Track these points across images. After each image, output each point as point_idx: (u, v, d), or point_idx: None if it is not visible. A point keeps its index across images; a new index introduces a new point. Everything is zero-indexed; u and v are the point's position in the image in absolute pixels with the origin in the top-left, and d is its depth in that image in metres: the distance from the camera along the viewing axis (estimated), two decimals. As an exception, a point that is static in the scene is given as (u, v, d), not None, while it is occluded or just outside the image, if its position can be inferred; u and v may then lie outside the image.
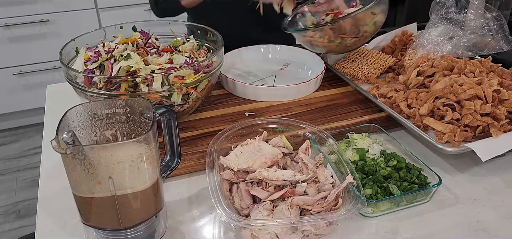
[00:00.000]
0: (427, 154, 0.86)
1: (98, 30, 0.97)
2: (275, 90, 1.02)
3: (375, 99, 0.95)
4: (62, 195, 0.74)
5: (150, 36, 0.96)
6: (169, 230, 0.68)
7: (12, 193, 2.23)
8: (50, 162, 0.84)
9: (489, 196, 0.75)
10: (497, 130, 0.80)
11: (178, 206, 0.74)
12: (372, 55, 1.17)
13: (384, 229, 0.68)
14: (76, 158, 0.54)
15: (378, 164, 0.77)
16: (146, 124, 0.64)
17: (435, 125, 0.83)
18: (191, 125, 0.92)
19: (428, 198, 0.73)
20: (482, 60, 0.97)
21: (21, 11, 2.39)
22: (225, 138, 0.77)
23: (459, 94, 0.84)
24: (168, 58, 0.88)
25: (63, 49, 0.87)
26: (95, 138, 0.64)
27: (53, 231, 0.69)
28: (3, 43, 2.44)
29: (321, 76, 1.07)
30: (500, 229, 0.68)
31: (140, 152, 0.57)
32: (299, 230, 0.63)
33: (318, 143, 0.78)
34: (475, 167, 0.82)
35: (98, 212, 0.59)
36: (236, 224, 0.61)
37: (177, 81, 0.82)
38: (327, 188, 0.67)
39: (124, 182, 0.57)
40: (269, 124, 0.81)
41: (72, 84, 0.83)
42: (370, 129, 0.88)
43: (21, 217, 2.08)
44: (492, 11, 1.06)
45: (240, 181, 0.68)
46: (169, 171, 0.70)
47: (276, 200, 0.65)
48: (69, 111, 0.60)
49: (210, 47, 1.00)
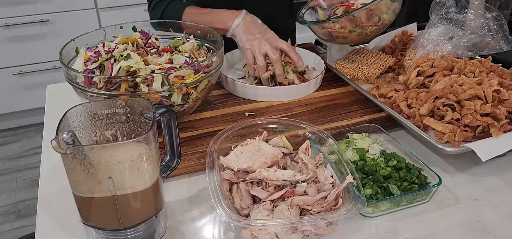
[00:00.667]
0: (427, 154, 0.86)
1: (98, 30, 0.97)
2: (275, 90, 1.02)
3: (375, 99, 0.95)
4: (62, 195, 0.74)
5: (150, 36, 0.96)
6: (169, 230, 0.68)
7: (12, 193, 2.23)
8: (50, 162, 0.84)
9: (489, 196, 0.75)
10: (497, 130, 0.80)
11: (178, 206, 0.74)
12: (372, 55, 1.17)
13: (384, 229, 0.68)
14: (76, 158, 0.54)
15: (378, 164, 0.77)
16: (146, 124, 0.64)
17: (435, 125, 0.83)
18: (191, 125, 0.92)
19: (428, 198, 0.73)
20: (482, 60, 0.97)
21: (21, 11, 2.39)
22: (225, 138, 0.77)
23: (459, 94, 0.84)
24: (168, 58, 0.88)
25: (63, 49, 0.88)
26: (95, 138, 0.64)
27: (53, 231, 0.69)
28: (3, 43, 2.44)
29: (321, 76, 1.07)
30: (500, 229, 0.68)
31: (140, 152, 0.57)
32: (299, 230, 0.63)
33: (318, 143, 0.78)
34: (475, 167, 0.82)
35: (98, 212, 0.59)
36: (236, 224, 0.61)
37: (177, 81, 0.82)
38: (327, 188, 0.67)
39: (124, 182, 0.57)
40: (269, 124, 0.81)
41: (72, 84, 0.83)
42: (370, 129, 0.88)
43: (21, 217, 2.08)
44: (492, 11, 1.06)
45: (240, 181, 0.68)
46: (169, 171, 0.70)
47: (276, 200, 0.65)
48: (69, 111, 0.60)
49: (210, 47, 1.00)
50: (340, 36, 1.10)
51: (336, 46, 1.20)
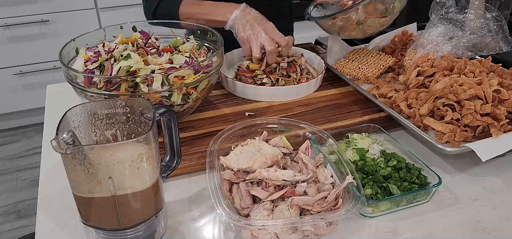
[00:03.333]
0: (427, 154, 0.86)
1: (98, 30, 0.97)
2: (275, 90, 1.02)
3: (375, 99, 0.95)
4: (62, 195, 0.74)
5: (150, 36, 0.96)
6: (169, 230, 0.68)
7: (12, 193, 2.23)
8: (50, 162, 0.84)
9: (489, 196, 0.75)
10: (497, 130, 0.80)
11: (178, 206, 0.74)
12: (372, 55, 1.17)
13: (384, 229, 0.68)
14: (76, 158, 0.54)
15: (378, 164, 0.77)
16: (146, 124, 0.64)
17: (435, 125, 0.83)
18: (191, 125, 0.92)
19: (428, 198, 0.73)
20: (482, 60, 0.97)
21: (21, 11, 2.39)
22: (225, 138, 0.77)
23: (459, 94, 0.84)
24: (168, 58, 0.88)
25: (63, 49, 0.88)
26: (95, 138, 0.64)
27: (53, 231, 0.69)
28: (3, 43, 2.44)
29: (321, 76, 1.07)
30: (500, 229, 0.68)
31: (140, 152, 0.57)
32: (299, 230, 0.63)
33: (318, 143, 0.78)
34: (475, 167, 0.82)
35: (98, 212, 0.59)
36: (236, 224, 0.61)
37: (177, 81, 0.82)
38: (327, 188, 0.67)
39: (124, 182, 0.57)
40: (269, 124, 0.81)
41: (72, 84, 0.83)
42: (370, 129, 0.88)
43: (21, 217, 2.08)
44: (492, 11, 1.06)
45: (240, 181, 0.68)
46: (169, 171, 0.70)
47: (276, 200, 0.65)
48: (69, 111, 0.60)
49: (210, 47, 1.00)
50: (351, 28, 1.09)
51: (336, 46, 1.20)
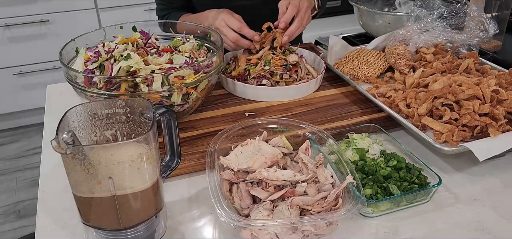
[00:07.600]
0: (427, 154, 0.86)
1: (98, 30, 0.97)
2: (275, 90, 1.02)
3: (374, 98, 0.95)
4: (62, 195, 0.74)
5: (150, 36, 0.96)
6: (169, 230, 0.68)
7: (12, 193, 2.23)
8: (50, 162, 0.84)
9: (489, 196, 0.75)
10: (495, 129, 0.80)
11: (178, 206, 0.74)
12: (372, 55, 1.17)
13: (384, 229, 0.68)
14: (76, 158, 0.54)
15: (378, 164, 0.77)
16: (146, 124, 0.64)
17: (433, 125, 0.83)
18: (191, 125, 0.92)
19: (428, 198, 0.73)
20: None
21: (21, 11, 2.39)
22: (225, 138, 0.77)
23: (457, 94, 0.85)
24: (168, 58, 0.88)
25: (63, 49, 0.88)
26: (95, 138, 0.64)
27: (53, 231, 0.69)
28: (3, 43, 2.44)
29: (321, 76, 1.07)
30: (500, 229, 0.68)
31: (140, 152, 0.57)
32: (299, 230, 0.63)
33: (318, 143, 0.78)
34: (475, 167, 0.82)
35: (98, 212, 0.59)
36: (236, 224, 0.61)
37: (177, 81, 0.82)
38: (327, 188, 0.67)
39: (124, 182, 0.57)
40: (269, 124, 0.81)
41: (72, 84, 0.83)
42: (370, 129, 0.88)
43: (21, 217, 2.08)
44: (493, 10, 1.07)
45: (240, 181, 0.68)
46: (169, 171, 0.70)
47: (276, 200, 0.65)
48: (69, 111, 0.60)
49: (210, 47, 1.00)
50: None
51: (336, 46, 1.20)
